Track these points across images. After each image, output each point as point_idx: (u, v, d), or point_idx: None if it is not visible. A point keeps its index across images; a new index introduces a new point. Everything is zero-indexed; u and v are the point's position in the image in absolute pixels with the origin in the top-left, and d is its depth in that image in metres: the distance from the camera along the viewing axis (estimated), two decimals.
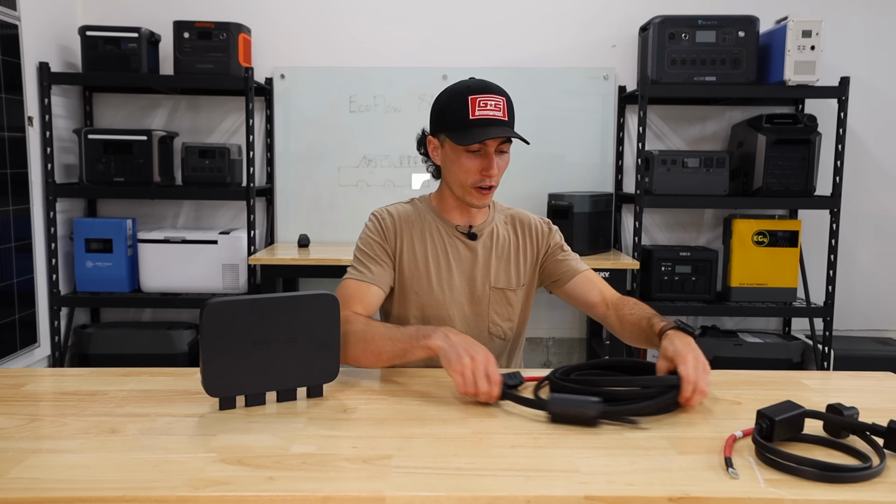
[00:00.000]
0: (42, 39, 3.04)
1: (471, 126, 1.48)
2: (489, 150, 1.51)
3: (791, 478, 0.98)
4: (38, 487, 0.93)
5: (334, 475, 0.98)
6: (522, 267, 1.67)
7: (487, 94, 1.48)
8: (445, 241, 1.63)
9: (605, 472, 1.00)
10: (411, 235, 1.62)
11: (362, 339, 1.41)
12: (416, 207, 1.67)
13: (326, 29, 3.40)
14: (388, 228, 1.62)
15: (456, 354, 1.27)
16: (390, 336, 1.39)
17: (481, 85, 1.51)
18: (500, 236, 1.66)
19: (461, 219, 1.64)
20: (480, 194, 1.55)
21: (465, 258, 1.63)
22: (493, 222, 1.67)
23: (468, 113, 1.48)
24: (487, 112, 1.47)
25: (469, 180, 1.54)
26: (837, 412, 1.10)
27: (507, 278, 1.65)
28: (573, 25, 3.41)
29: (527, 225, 1.70)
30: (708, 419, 1.22)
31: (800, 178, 3.09)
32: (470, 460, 1.03)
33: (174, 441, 1.09)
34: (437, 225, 1.64)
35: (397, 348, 1.37)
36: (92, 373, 1.45)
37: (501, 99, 1.50)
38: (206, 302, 1.18)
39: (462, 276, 1.63)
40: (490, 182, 1.53)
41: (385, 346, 1.39)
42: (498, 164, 1.53)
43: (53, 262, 3.09)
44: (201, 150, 3.14)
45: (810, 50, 2.97)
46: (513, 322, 1.66)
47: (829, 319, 3.15)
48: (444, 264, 1.62)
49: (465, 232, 1.63)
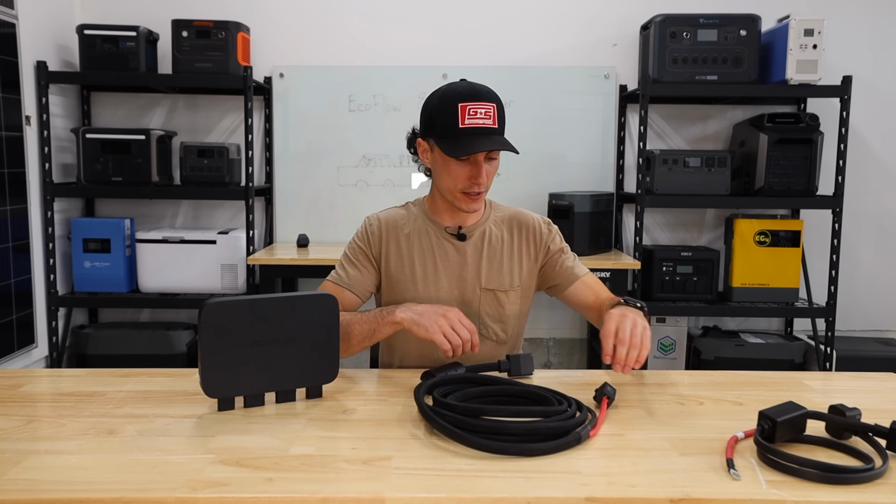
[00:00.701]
0: (40, 38, 3.02)
1: (460, 135, 1.47)
2: (478, 159, 1.50)
3: (793, 479, 0.98)
4: (36, 489, 0.93)
5: (334, 476, 0.98)
6: (517, 268, 1.66)
7: (477, 102, 1.47)
8: (433, 243, 1.63)
9: (606, 473, 1.00)
10: (398, 239, 1.63)
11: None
12: (409, 211, 1.68)
13: (326, 28, 3.38)
14: (373, 234, 1.64)
15: (428, 319, 1.38)
16: (356, 320, 1.48)
17: (471, 91, 1.49)
18: (492, 237, 1.65)
19: (451, 220, 1.64)
20: (470, 199, 1.55)
21: (453, 259, 1.62)
22: (486, 223, 1.66)
23: (458, 121, 1.46)
24: (477, 121, 1.46)
25: (458, 186, 1.54)
26: (840, 413, 1.10)
27: (500, 279, 1.63)
28: (574, 24, 3.39)
29: (525, 226, 1.68)
30: (709, 420, 1.22)
31: (802, 178, 3.07)
32: (470, 462, 1.03)
33: (172, 442, 1.09)
34: (426, 227, 1.64)
35: (364, 329, 1.46)
36: (90, 373, 1.45)
37: (492, 106, 1.48)
38: (205, 302, 1.18)
39: (450, 277, 1.62)
40: (479, 189, 1.53)
41: (354, 330, 1.47)
42: (487, 171, 1.53)
43: (51, 262, 3.07)
44: (200, 150, 3.13)
45: (812, 49, 2.96)
46: (505, 324, 1.65)
47: (832, 320, 3.14)
48: (430, 266, 1.62)
49: (453, 233, 1.63)
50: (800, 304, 3.21)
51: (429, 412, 1.15)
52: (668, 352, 3.30)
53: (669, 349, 3.30)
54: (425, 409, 1.16)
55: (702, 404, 1.30)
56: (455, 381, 1.29)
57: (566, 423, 1.10)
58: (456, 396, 1.22)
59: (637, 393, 1.37)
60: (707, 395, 1.35)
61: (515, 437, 1.08)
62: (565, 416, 1.13)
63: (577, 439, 1.09)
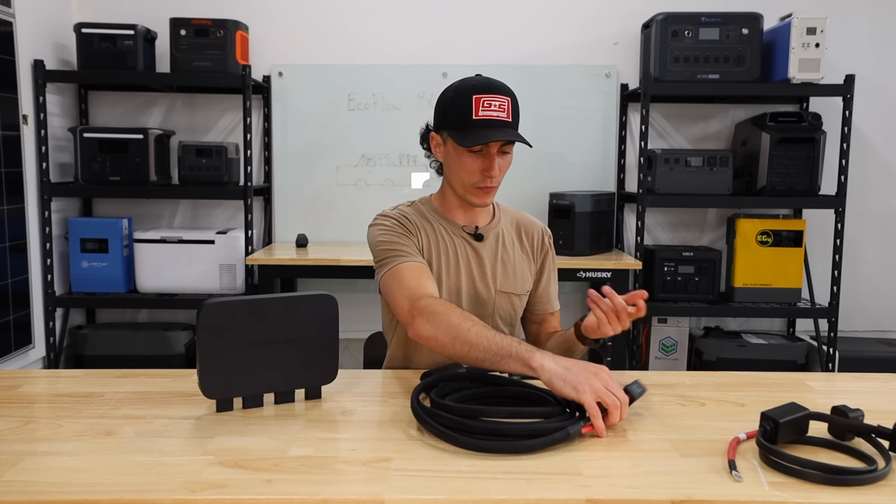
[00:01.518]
0: (37, 37, 3.01)
1: (473, 126, 1.46)
2: (491, 151, 1.49)
3: (795, 481, 0.97)
4: (33, 490, 0.93)
5: (333, 478, 0.97)
6: (527, 272, 1.66)
7: (492, 94, 1.46)
8: (454, 242, 1.60)
9: (607, 474, 0.99)
10: (426, 233, 1.58)
11: (455, 328, 1.31)
12: (418, 209, 1.64)
13: (325, 26, 3.37)
14: (405, 223, 1.56)
15: (577, 377, 1.15)
16: (486, 335, 1.28)
17: (487, 84, 1.48)
18: (506, 240, 1.64)
19: (465, 219, 1.62)
20: (482, 193, 1.53)
21: (471, 260, 1.60)
22: (500, 225, 1.65)
23: (472, 112, 1.45)
24: (491, 113, 1.45)
25: (470, 180, 1.52)
26: (842, 414, 1.10)
27: (514, 283, 1.62)
28: (574, 22, 3.38)
29: (528, 231, 1.68)
30: (711, 421, 1.21)
31: (804, 178, 3.06)
32: (470, 463, 1.02)
33: (171, 443, 1.08)
34: (442, 225, 1.61)
35: (492, 354, 1.26)
36: (87, 374, 1.44)
37: (506, 99, 1.47)
38: (203, 302, 1.18)
39: (468, 278, 1.59)
40: (491, 183, 1.51)
41: (480, 344, 1.27)
42: (500, 165, 1.51)
43: (48, 262, 3.06)
44: (198, 149, 3.12)
45: (815, 47, 2.94)
46: (513, 327, 1.65)
47: (834, 320, 3.12)
48: (453, 265, 1.58)
49: (471, 233, 1.60)
50: (802, 304, 3.19)
51: (422, 414, 1.13)
52: (669, 352, 3.28)
53: (671, 350, 3.28)
54: (418, 412, 1.14)
55: (703, 405, 1.29)
56: (454, 380, 1.27)
57: (564, 423, 1.09)
58: (454, 398, 1.20)
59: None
60: (709, 396, 1.34)
61: (512, 437, 1.06)
62: (564, 416, 1.12)
63: (565, 436, 1.06)
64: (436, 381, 1.25)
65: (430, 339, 1.35)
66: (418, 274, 1.46)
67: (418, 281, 1.44)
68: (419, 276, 1.45)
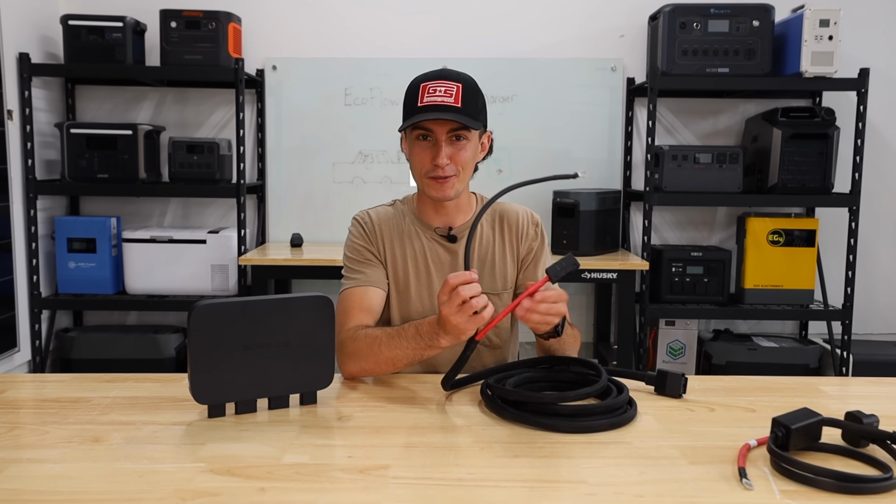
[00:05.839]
0: (22, 29, 2.97)
1: (416, 112, 1.46)
2: (439, 139, 1.46)
3: (808, 489, 0.96)
4: (19, 499, 0.92)
5: (329, 486, 0.97)
6: (508, 269, 1.61)
7: (440, 81, 1.47)
8: (425, 246, 1.58)
9: (612, 482, 0.98)
10: (392, 239, 1.59)
11: (370, 353, 1.40)
12: (397, 209, 1.64)
13: (320, 18, 3.31)
14: (371, 231, 1.60)
15: (446, 322, 1.27)
16: (397, 345, 1.38)
17: (438, 73, 1.50)
18: (483, 238, 1.60)
19: (439, 220, 1.59)
20: (436, 184, 1.49)
21: (445, 263, 1.58)
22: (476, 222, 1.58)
23: (417, 100, 1.46)
24: (436, 98, 1.45)
25: (422, 170, 1.50)
26: (856, 420, 1.10)
27: (492, 282, 1.58)
28: (579, 14, 3.32)
29: (510, 223, 1.62)
30: (720, 427, 1.20)
31: (817, 175, 3.01)
32: (471, 470, 1.02)
33: (161, 450, 1.08)
34: (415, 228, 1.59)
35: (409, 354, 1.37)
36: (74, 379, 1.44)
37: (455, 85, 1.46)
38: (195, 304, 1.18)
39: (442, 280, 1.52)
40: (442, 172, 1.47)
41: (396, 355, 1.38)
42: (451, 154, 1.47)
43: (34, 263, 3.02)
44: (189, 145, 3.08)
45: (828, 40, 2.90)
46: (498, 328, 1.60)
47: (848, 323, 3.07)
48: (423, 270, 1.57)
49: (444, 234, 1.58)
50: (815, 306, 3.15)
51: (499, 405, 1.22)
52: (677, 356, 3.23)
53: (679, 353, 3.23)
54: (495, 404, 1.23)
55: (713, 411, 1.28)
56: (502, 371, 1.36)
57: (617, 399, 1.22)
58: (512, 384, 1.28)
59: (645, 398, 1.33)
60: (718, 401, 1.33)
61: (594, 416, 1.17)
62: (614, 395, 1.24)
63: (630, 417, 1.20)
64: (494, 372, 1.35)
65: (360, 372, 1.43)
66: (353, 302, 1.52)
67: (347, 314, 1.50)
68: (350, 307, 1.51)
